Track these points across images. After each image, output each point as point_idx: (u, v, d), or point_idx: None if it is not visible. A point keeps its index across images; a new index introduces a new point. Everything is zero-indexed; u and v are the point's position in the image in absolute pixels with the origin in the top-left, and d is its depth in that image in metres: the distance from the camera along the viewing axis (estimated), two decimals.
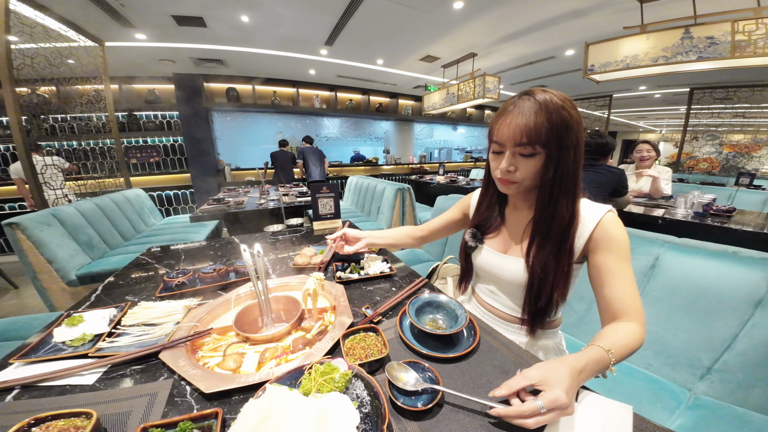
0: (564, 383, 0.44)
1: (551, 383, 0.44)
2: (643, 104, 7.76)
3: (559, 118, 0.59)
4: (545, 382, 0.45)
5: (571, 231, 0.65)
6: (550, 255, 0.66)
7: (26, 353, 0.63)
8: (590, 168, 2.00)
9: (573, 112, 0.61)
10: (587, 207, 0.67)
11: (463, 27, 3.26)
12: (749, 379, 0.83)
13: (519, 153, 0.63)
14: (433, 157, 7.85)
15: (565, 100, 0.61)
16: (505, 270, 0.75)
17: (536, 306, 0.69)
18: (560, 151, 0.61)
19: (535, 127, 0.59)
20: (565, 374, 0.46)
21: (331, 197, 1.60)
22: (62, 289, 1.90)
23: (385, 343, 0.62)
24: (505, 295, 0.79)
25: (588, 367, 0.50)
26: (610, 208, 0.66)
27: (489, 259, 0.79)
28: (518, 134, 0.61)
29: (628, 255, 0.64)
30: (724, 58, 2.13)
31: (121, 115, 4.58)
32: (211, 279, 0.95)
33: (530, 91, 0.63)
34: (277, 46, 3.82)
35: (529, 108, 0.60)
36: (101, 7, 2.62)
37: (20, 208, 3.84)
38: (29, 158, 2.32)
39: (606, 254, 0.63)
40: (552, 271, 0.66)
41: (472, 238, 0.83)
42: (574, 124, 0.61)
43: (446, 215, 1.00)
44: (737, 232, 1.75)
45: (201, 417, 0.46)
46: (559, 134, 0.60)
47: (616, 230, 0.64)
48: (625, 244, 0.63)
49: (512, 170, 0.65)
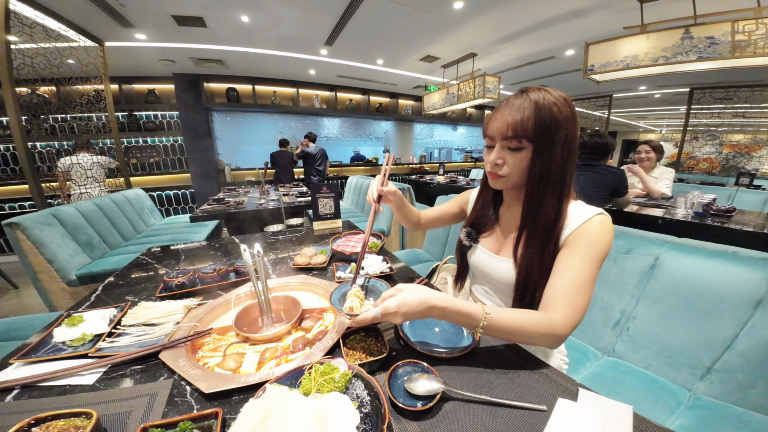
0: (406, 303, 0.54)
1: (398, 297, 0.55)
2: (643, 104, 7.76)
3: (548, 114, 0.59)
4: (399, 293, 0.55)
5: (556, 230, 0.64)
6: (535, 253, 0.65)
7: (26, 353, 0.63)
8: (590, 168, 2.00)
9: (564, 110, 0.61)
10: (579, 208, 0.66)
11: (463, 27, 3.25)
12: (749, 379, 0.83)
13: (507, 147, 0.64)
14: (433, 157, 7.84)
15: (559, 98, 0.61)
16: (497, 270, 0.75)
17: (522, 305, 0.68)
18: (548, 147, 0.61)
19: (522, 121, 0.60)
20: (416, 298, 0.54)
21: (331, 197, 1.60)
22: (62, 289, 1.90)
23: (385, 343, 0.62)
24: (498, 295, 0.80)
25: (448, 311, 0.56)
26: (601, 211, 0.64)
27: (482, 259, 0.80)
28: (505, 128, 0.62)
29: (597, 257, 0.60)
30: (724, 58, 2.13)
31: (121, 115, 4.58)
32: (211, 279, 0.95)
33: (526, 88, 0.64)
34: (277, 46, 3.82)
35: (520, 104, 0.61)
36: (101, 7, 2.62)
37: (20, 208, 3.84)
38: (29, 158, 2.32)
39: (571, 248, 0.62)
40: (536, 269, 0.65)
41: (467, 238, 0.83)
42: (563, 122, 0.60)
43: (444, 207, 1.01)
44: (737, 232, 1.74)
45: (201, 417, 0.46)
46: (547, 130, 0.60)
47: (595, 231, 0.62)
48: (599, 245, 0.61)
49: (500, 163, 0.66)
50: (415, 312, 0.54)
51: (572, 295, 0.58)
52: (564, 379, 0.56)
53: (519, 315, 0.58)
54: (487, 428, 0.46)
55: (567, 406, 0.49)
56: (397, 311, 0.53)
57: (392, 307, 0.54)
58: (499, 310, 0.58)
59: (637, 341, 1.05)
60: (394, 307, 0.53)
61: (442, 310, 0.55)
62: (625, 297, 1.10)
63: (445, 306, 0.55)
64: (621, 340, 1.09)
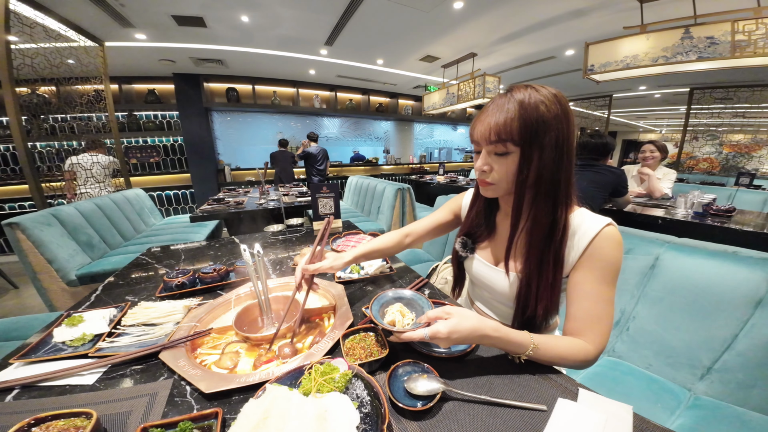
0: (458, 330, 0.52)
1: (450, 322, 0.53)
2: (643, 104, 7.75)
3: (534, 114, 0.54)
4: (450, 318, 0.53)
5: (554, 241, 0.60)
6: (533, 266, 0.62)
7: (26, 353, 0.63)
8: (590, 168, 2.00)
9: (554, 108, 0.55)
10: (585, 218, 0.61)
11: (463, 27, 3.25)
12: (749, 379, 0.83)
13: (493, 152, 0.59)
14: (433, 157, 7.85)
15: (548, 95, 0.56)
16: (496, 282, 0.72)
17: (523, 318, 0.67)
18: (536, 151, 0.56)
19: (505, 123, 0.55)
20: (467, 326, 0.53)
21: (331, 197, 1.60)
22: (62, 289, 1.90)
23: (385, 343, 0.62)
24: (498, 304, 0.77)
25: (499, 340, 0.55)
26: (609, 221, 0.60)
27: (480, 269, 0.76)
28: (488, 132, 0.57)
29: (613, 277, 0.59)
30: (724, 58, 2.13)
31: (121, 115, 4.58)
32: (211, 279, 0.95)
33: (512, 86, 0.59)
34: (277, 46, 3.82)
35: (503, 104, 0.57)
36: (101, 7, 2.62)
37: (20, 208, 3.84)
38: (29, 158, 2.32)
39: (587, 273, 0.60)
40: (536, 283, 0.62)
41: (463, 248, 0.79)
42: (553, 121, 0.55)
43: (435, 217, 0.92)
44: (737, 232, 1.74)
45: (201, 417, 0.46)
46: (534, 132, 0.55)
47: (608, 249, 0.58)
48: (613, 265, 0.59)
49: (487, 170, 0.61)
50: (465, 339, 0.53)
51: (597, 324, 0.58)
52: (564, 379, 0.56)
53: (560, 344, 0.58)
54: (487, 428, 0.46)
55: (567, 406, 0.49)
56: (447, 337, 0.52)
57: (443, 332, 0.51)
58: (542, 338, 0.57)
59: (637, 341, 1.05)
60: (445, 333, 0.51)
61: (492, 339, 0.54)
62: (625, 297, 1.10)
63: (498, 336, 0.54)
64: (621, 340, 1.09)
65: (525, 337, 0.56)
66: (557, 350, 0.57)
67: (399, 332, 0.57)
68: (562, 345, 0.58)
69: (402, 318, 0.64)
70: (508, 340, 0.55)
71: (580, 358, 0.57)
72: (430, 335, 0.52)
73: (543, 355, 0.56)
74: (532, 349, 0.55)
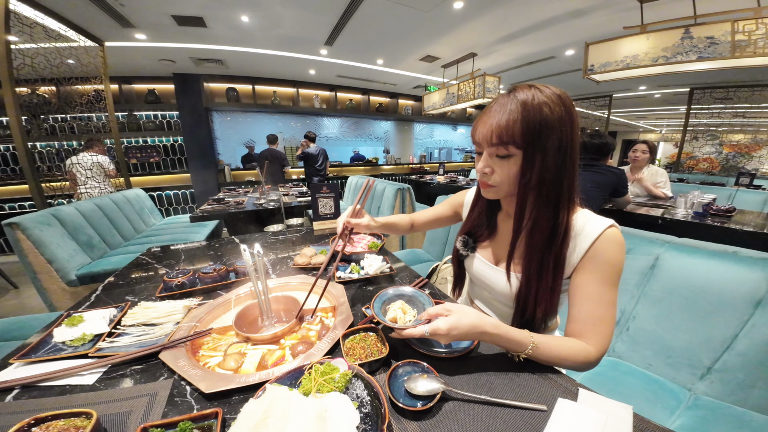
0: (458, 327, 0.52)
1: (450, 319, 0.53)
2: (643, 104, 7.76)
3: (538, 116, 0.53)
4: (450, 315, 0.54)
5: (555, 245, 0.60)
6: (534, 268, 0.62)
7: (26, 353, 0.63)
8: (590, 168, 2.00)
9: (558, 110, 0.54)
10: (588, 220, 0.61)
11: (463, 27, 3.25)
12: (749, 379, 0.83)
13: (495, 154, 0.59)
14: (433, 157, 7.85)
15: (552, 96, 0.55)
16: (496, 282, 0.72)
17: (523, 318, 0.67)
18: (539, 154, 0.55)
19: (507, 125, 0.54)
20: (467, 323, 0.53)
21: (331, 197, 1.60)
22: (62, 289, 1.90)
23: (385, 343, 0.62)
24: (498, 304, 0.78)
25: (498, 337, 0.55)
26: (611, 223, 0.60)
27: (480, 269, 0.77)
28: (490, 134, 0.57)
29: (615, 279, 0.59)
30: (724, 58, 2.13)
31: (121, 115, 4.58)
32: (211, 279, 0.95)
33: (515, 86, 0.58)
34: (277, 46, 3.82)
35: (506, 105, 0.56)
36: (101, 7, 2.62)
37: (20, 208, 3.84)
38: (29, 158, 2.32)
39: (589, 275, 0.59)
40: (536, 285, 0.62)
41: (464, 247, 0.79)
42: (556, 123, 0.54)
43: (437, 210, 0.98)
44: (737, 232, 1.74)
45: (201, 417, 0.46)
46: (537, 134, 0.54)
47: (611, 251, 0.58)
48: (615, 267, 0.58)
49: (488, 172, 0.61)
50: (464, 335, 0.53)
51: (599, 326, 0.58)
52: (564, 379, 0.56)
53: (561, 344, 0.58)
54: (487, 428, 0.46)
55: (567, 406, 0.49)
56: (447, 333, 0.52)
57: (443, 328, 0.52)
58: (542, 337, 0.57)
59: (637, 341, 1.05)
60: (445, 329, 0.52)
61: (492, 336, 0.55)
62: (625, 297, 1.10)
63: (497, 333, 0.54)
64: (621, 340, 1.09)
65: (525, 335, 0.56)
66: (557, 350, 0.57)
67: (400, 329, 0.57)
68: (563, 345, 0.58)
69: (403, 315, 0.64)
70: (508, 337, 0.55)
71: (580, 360, 0.57)
72: (430, 331, 0.53)
73: (542, 355, 0.56)
74: (531, 347, 0.55)
